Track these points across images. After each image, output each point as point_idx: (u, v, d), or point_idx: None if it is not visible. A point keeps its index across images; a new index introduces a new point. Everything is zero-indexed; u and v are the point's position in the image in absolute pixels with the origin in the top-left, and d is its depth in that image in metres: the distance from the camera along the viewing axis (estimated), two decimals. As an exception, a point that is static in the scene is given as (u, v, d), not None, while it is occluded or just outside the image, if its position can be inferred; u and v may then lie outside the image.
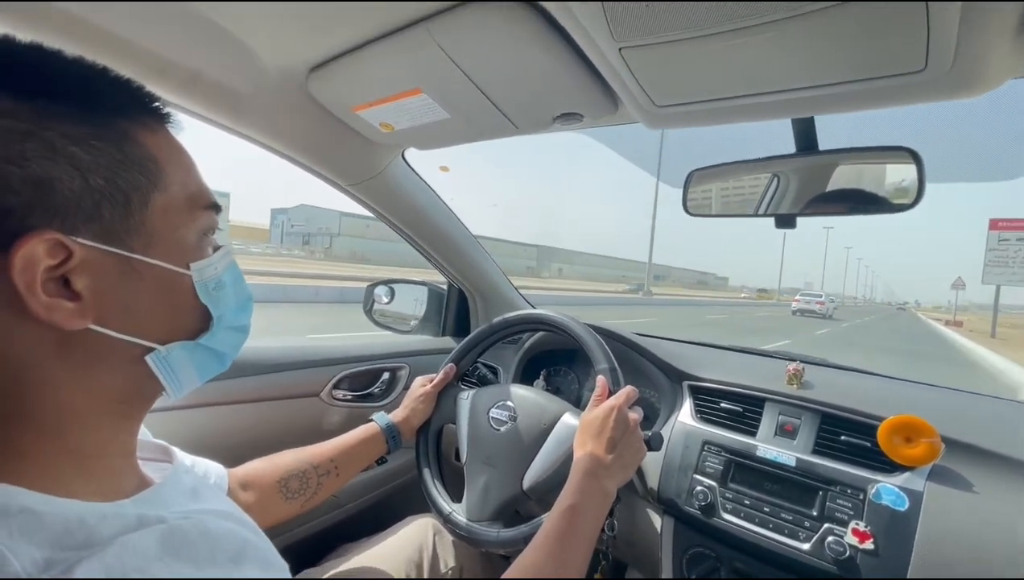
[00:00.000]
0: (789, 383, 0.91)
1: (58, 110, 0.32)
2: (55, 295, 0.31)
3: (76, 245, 0.31)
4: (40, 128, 0.31)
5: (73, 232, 0.31)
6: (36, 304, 0.30)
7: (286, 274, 15.94)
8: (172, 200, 0.37)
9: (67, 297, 0.32)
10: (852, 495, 0.74)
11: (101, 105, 0.34)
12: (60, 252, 0.31)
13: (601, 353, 0.79)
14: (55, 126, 0.31)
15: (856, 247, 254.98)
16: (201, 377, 0.42)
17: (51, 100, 0.32)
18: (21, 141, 0.30)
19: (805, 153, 0.73)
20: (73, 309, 0.32)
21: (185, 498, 0.41)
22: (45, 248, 0.30)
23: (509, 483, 0.79)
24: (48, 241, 0.30)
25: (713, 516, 0.82)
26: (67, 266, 0.31)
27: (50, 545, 0.28)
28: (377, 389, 1.22)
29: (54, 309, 0.31)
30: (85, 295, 0.32)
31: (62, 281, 0.32)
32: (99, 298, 0.33)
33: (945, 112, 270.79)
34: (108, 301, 0.34)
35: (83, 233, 0.32)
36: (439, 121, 0.80)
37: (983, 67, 0.47)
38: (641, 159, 25.56)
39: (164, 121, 0.39)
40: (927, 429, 0.71)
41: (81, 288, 0.32)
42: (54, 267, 0.31)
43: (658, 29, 0.49)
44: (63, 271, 0.31)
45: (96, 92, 0.34)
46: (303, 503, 0.72)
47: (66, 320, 0.32)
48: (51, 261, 0.31)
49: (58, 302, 0.31)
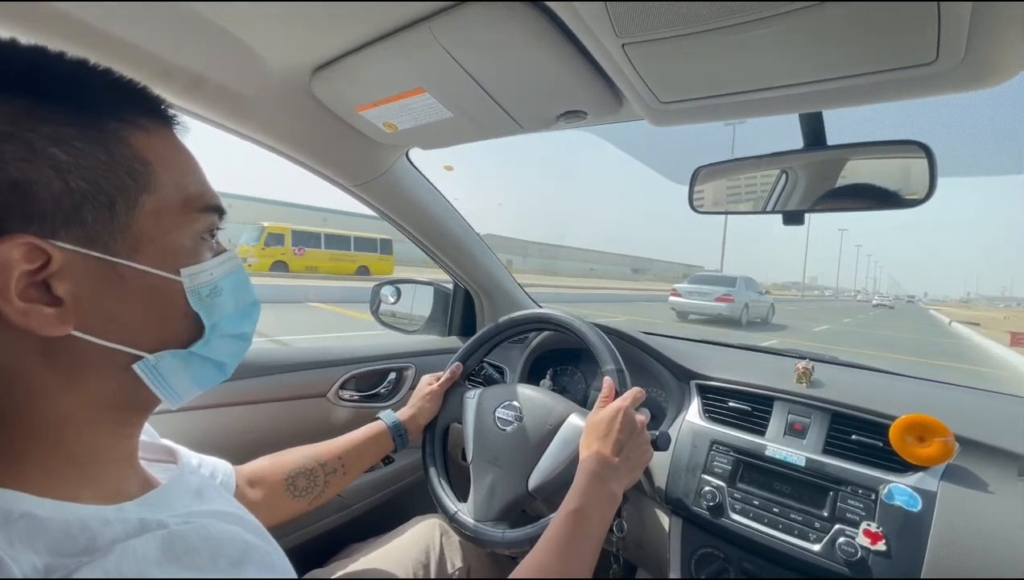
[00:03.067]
0: (798, 382, 0.89)
1: (42, 111, 0.31)
2: (34, 300, 0.31)
3: (55, 249, 0.31)
4: (20, 129, 0.30)
5: (52, 236, 0.31)
6: (10, 310, 0.30)
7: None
8: (164, 202, 0.36)
9: (47, 302, 0.31)
10: (863, 495, 0.72)
11: (89, 106, 0.33)
12: (38, 256, 0.30)
13: (608, 354, 0.79)
14: (36, 127, 0.30)
15: (851, 229, 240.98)
16: (199, 386, 0.41)
17: (35, 100, 0.31)
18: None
19: (813, 148, 0.72)
20: (52, 315, 0.31)
21: (189, 499, 0.41)
22: (21, 252, 0.30)
23: (515, 483, 0.79)
24: (24, 245, 0.30)
25: (722, 516, 0.81)
26: (47, 271, 0.31)
27: (51, 551, 0.28)
28: (384, 389, 1.22)
29: (31, 314, 0.30)
30: (67, 300, 0.32)
31: (43, 286, 0.31)
32: (81, 303, 0.32)
33: (957, 104, 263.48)
34: (91, 307, 0.33)
35: (63, 237, 0.31)
36: (442, 120, 0.80)
37: (996, 58, 0.46)
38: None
39: (165, 123, 0.38)
40: (941, 428, 0.70)
41: (62, 293, 0.32)
42: (33, 272, 0.30)
43: (661, 24, 0.49)
44: (43, 276, 0.31)
45: (84, 92, 0.33)
46: (310, 501, 0.72)
47: (44, 326, 0.31)
48: (28, 266, 0.30)
49: (35, 307, 0.31)
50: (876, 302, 45.51)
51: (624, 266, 79.24)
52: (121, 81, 0.36)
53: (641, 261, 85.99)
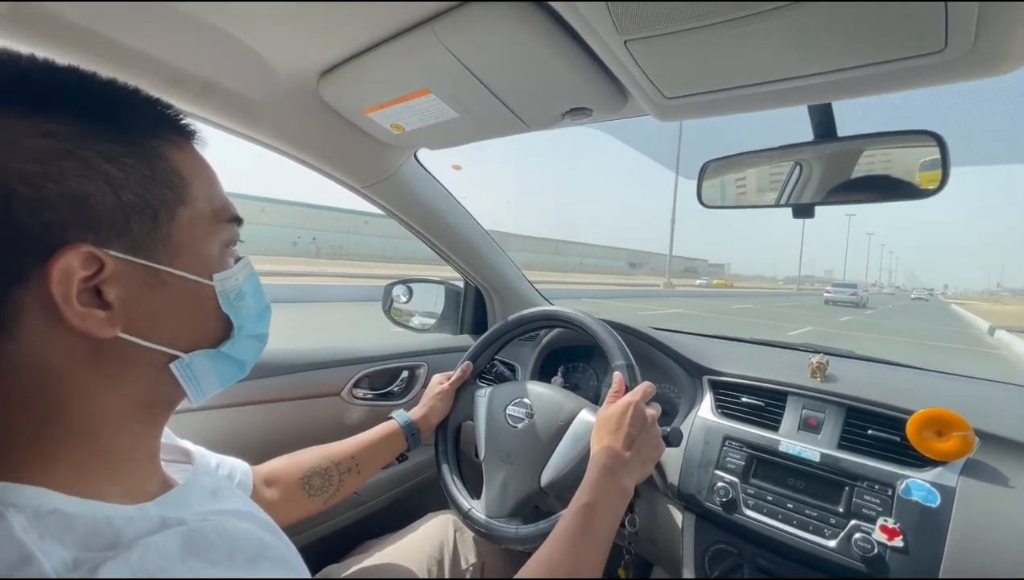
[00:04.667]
0: (812, 376, 0.88)
1: (94, 130, 0.33)
2: (88, 305, 0.33)
3: (108, 257, 0.33)
4: (78, 147, 0.32)
5: (106, 245, 0.33)
6: (71, 314, 0.32)
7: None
8: (197, 213, 0.39)
9: (99, 306, 0.33)
10: (880, 491, 0.71)
11: (133, 125, 0.36)
12: (93, 264, 0.33)
13: (618, 349, 0.79)
14: (91, 145, 0.33)
15: (858, 215, 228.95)
16: (222, 383, 0.43)
17: (89, 121, 0.33)
18: (60, 160, 0.31)
19: (823, 140, 0.71)
20: (104, 318, 0.33)
21: (205, 499, 0.42)
22: (80, 260, 0.32)
23: (527, 480, 0.79)
24: (83, 254, 0.32)
25: (735, 512, 0.80)
26: (99, 277, 0.33)
27: (78, 546, 0.29)
28: (396, 387, 1.24)
29: (88, 318, 0.32)
30: (116, 305, 0.34)
31: (95, 291, 0.33)
32: (128, 308, 0.35)
33: (968, 92, 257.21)
34: (136, 310, 0.35)
35: (115, 246, 0.34)
36: (449, 121, 0.81)
37: (1006, 45, 0.45)
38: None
39: (190, 138, 0.41)
40: (960, 422, 0.68)
41: (112, 298, 0.34)
42: (88, 278, 0.33)
43: (663, 21, 0.48)
44: (96, 282, 0.33)
45: (128, 113, 0.36)
46: (325, 500, 0.74)
47: (98, 328, 0.33)
48: (85, 272, 0.32)
49: (91, 311, 0.33)
50: (887, 292, 44.07)
51: (619, 260, 75.32)
52: (151, 99, 0.39)
53: (639, 254, 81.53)
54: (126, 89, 0.37)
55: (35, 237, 0.31)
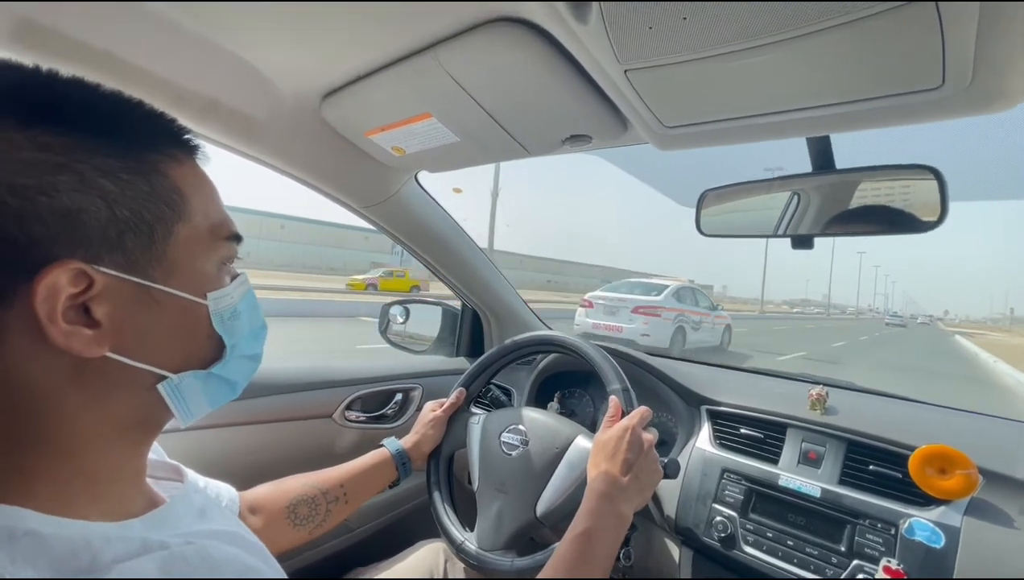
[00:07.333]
0: (812, 408, 0.87)
1: (93, 144, 0.33)
2: (75, 322, 0.32)
3: (98, 274, 0.32)
4: (73, 161, 0.31)
5: (96, 261, 0.32)
6: (56, 332, 0.31)
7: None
8: (194, 230, 0.38)
9: (86, 324, 0.32)
10: (883, 530, 0.69)
11: (132, 139, 0.35)
12: (82, 280, 0.32)
13: (613, 373, 0.78)
14: (87, 159, 0.32)
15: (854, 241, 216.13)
16: (212, 405, 0.42)
17: (86, 134, 0.33)
18: (54, 173, 0.31)
19: (822, 172, 0.71)
20: (91, 336, 0.32)
21: (193, 518, 0.41)
22: (68, 277, 0.31)
23: (522, 510, 0.77)
24: (71, 270, 0.31)
25: (733, 548, 0.78)
26: (88, 294, 0.32)
27: (52, 569, 0.28)
28: (390, 410, 1.22)
29: (73, 336, 0.31)
30: (104, 323, 0.33)
31: (82, 309, 0.32)
32: (117, 326, 0.34)
33: (970, 127, 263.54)
34: (126, 329, 0.34)
35: (106, 262, 0.33)
36: (449, 144, 0.81)
37: (1004, 82, 0.45)
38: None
39: (192, 153, 0.40)
40: (963, 460, 0.67)
41: (101, 316, 0.33)
42: (75, 295, 0.32)
43: (663, 51, 0.49)
44: (84, 299, 0.32)
45: (128, 126, 0.35)
46: (311, 530, 0.71)
47: (84, 347, 0.32)
48: (73, 289, 0.31)
49: (77, 330, 0.32)
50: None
51: (594, 278, 71.57)
52: (154, 113, 0.38)
53: (615, 273, 72.71)
54: (129, 103, 0.36)
55: (23, 252, 0.30)
